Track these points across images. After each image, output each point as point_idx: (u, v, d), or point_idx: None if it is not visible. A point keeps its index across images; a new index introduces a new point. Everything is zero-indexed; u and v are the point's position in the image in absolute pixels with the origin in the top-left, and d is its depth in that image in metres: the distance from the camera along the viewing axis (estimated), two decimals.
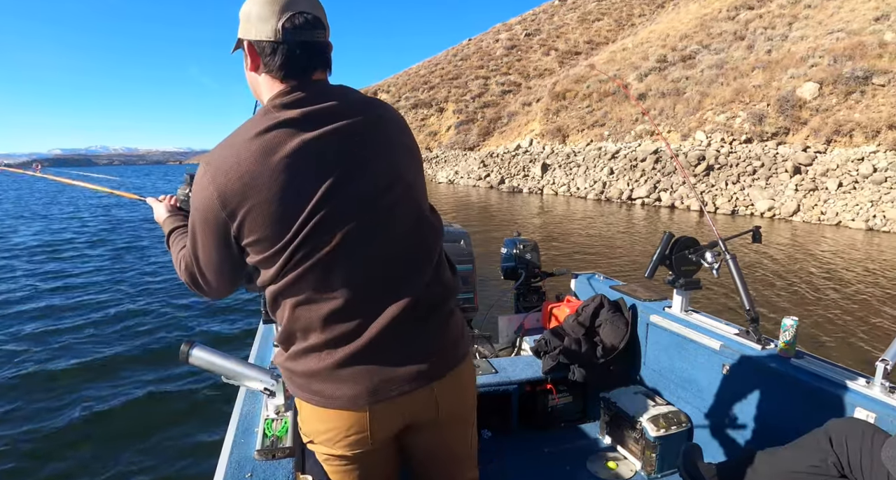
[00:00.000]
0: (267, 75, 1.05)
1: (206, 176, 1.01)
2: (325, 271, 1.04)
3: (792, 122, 15.94)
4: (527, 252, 3.19)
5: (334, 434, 1.10)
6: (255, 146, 0.99)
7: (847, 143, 14.39)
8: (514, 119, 34.20)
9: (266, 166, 0.98)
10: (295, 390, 1.12)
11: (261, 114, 1.03)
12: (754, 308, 2.11)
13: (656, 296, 2.67)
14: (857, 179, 12.90)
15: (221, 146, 1.04)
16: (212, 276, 1.11)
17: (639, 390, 2.39)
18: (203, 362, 1.27)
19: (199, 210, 1.04)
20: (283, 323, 1.09)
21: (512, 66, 47.39)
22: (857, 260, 8.69)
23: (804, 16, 24.61)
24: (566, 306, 2.90)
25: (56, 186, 34.14)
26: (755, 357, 2.00)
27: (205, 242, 1.07)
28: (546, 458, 2.32)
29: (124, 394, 4.05)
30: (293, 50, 1.02)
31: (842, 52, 17.30)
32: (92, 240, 12.41)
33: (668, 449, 2.11)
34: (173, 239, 1.28)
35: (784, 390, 1.89)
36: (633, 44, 32.66)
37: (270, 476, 1.17)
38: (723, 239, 2.27)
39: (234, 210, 1.00)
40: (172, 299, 6.80)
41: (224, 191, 0.99)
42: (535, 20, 59.90)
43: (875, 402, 1.61)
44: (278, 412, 1.34)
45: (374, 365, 1.08)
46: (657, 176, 17.25)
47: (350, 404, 1.07)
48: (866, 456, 1.41)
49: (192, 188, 1.05)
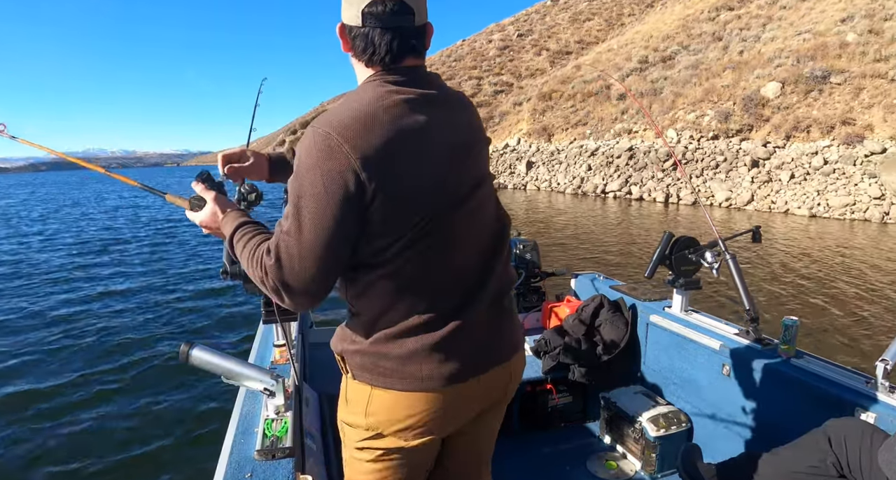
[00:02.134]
0: (355, 58, 1.05)
1: (334, 136, 0.93)
2: (438, 251, 1.04)
3: (755, 120, 16.99)
4: (527, 252, 3.18)
5: (415, 421, 1.09)
6: (386, 115, 0.96)
7: (805, 139, 15.44)
8: (506, 118, 35.10)
9: (401, 136, 0.97)
10: (376, 377, 1.08)
11: (373, 89, 1.00)
12: (754, 308, 2.10)
13: (656, 296, 2.67)
14: (809, 171, 13.98)
15: (341, 111, 0.97)
16: (315, 269, 0.96)
17: (639, 390, 2.40)
18: (203, 362, 1.23)
19: (322, 176, 0.92)
20: (377, 305, 1.05)
21: (504, 67, 48.09)
22: (800, 245, 9.76)
23: (778, 17, 25.61)
24: (566, 306, 2.91)
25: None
26: (755, 357, 1.99)
27: (322, 218, 0.93)
28: (546, 458, 2.33)
29: (124, 394, 4.09)
30: (373, 36, 1.00)
31: (805, 52, 18.37)
32: (91, 239, 12.65)
33: (668, 449, 2.12)
34: (241, 236, 1.09)
35: (784, 390, 1.88)
36: (617, 45, 33.73)
37: (270, 476, 1.15)
38: (723, 238, 2.27)
39: (373, 175, 0.93)
40: (172, 299, 6.80)
41: (365, 151, 0.93)
42: (528, 20, 60.63)
43: (875, 402, 1.60)
44: (278, 412, 1.33)
45: (468, 342, 1.10)
46: (629, 171, 18.37)
47: (447, 382, 1.08)
48: (865, 456, 1.40)
49: (305, 152, 0.95)
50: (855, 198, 12.54)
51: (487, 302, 1.13)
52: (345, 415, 1.16)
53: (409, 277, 1.03)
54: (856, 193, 12.65)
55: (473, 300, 1.10)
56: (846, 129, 14.62)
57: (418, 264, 1.03)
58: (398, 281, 1.03)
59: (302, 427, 1.38)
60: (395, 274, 1.03)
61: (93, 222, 17.19)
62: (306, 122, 73.33)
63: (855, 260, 8.28)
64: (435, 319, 1.06)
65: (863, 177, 12.91)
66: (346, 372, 1.15)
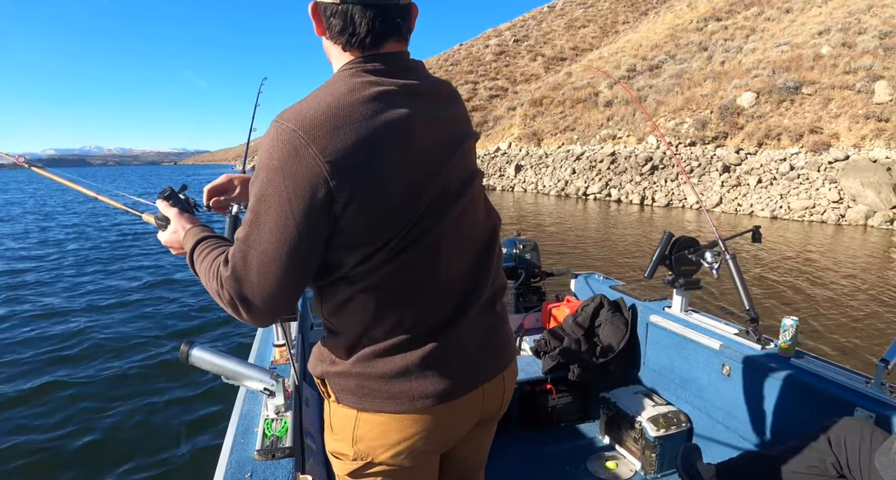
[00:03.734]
0: (330, 41, 0.93)
1: (300, 135, 0.81)
2: (425, 260, 0.94)
3: (730, 128, 17.82)
4: (526, 252, 3.16)
5: (410, 444, 0.99)
6: (362, 110, 0.85)
7: (775, 146, 16.27)
8: (499, 123, 35.83)
9: (379, 135, 0.85)
10: (362, 399, 0.98)
11: (347, 79, 0.88)
12: (754, 308, 2.10)
13: (656, 296, 2.66)
14: (776, 176, 14.82)
15: (310, 104, 0.84)
16: (275, 283, 0.85)
17: (638, 390, 2.39)
18: (203, 362, 1.22)
19: (285, 180, 0.81)
20: (358, 322, 0.95)
21: (500, 72, 48.70)
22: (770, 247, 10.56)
23: (761, 28, 26.52)
24: (566, 306, 2.89)
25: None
26: (755, 357, 1.99)
27: (283, 228, 0.82)
28: (546, 458, 2.33)
29: (124, 395, 4.07)
30: (353, 13, 0.87)
31: (781, 64, 19.23)
32: (90, 239, 12.58)
33: (668, 449, 2.12)
34: (200, 250, 0.99)
35: (784, 390, 1.87)
36: (608, 53, 34.61)
37: (270, 476, 1.14)
38: (723, 239, 2.27)
39: (345, 182, 0.82)
40: (172, 299, 6.78)
41: (335, 155, 0.81)
42: (525, 26, 61.39)
43: (875, 402, 1.60)
44: (278, 412, 1.31)
45: (461, 355, 1.01)
46: (609, 175, 19.22)
47: (439, 400, 0.99)
48: (865, 457, 1.40)
49: (267, 151, 0.83)
50: (815, 202, 13.35)
51: (479, 311, 1.05)
52: (331, 444, 1.06)
53: (393, 290, 0.94)
54: (816, 197, 13.47)
55: (465, 309, 1.01)
56: (814, 138, 15.45)
57: (403, 275, 0.93)
58: (381, 295, 0.93)
59: (302, 427, 1.36)
60: (377, 287, 0.93)
61: (91, 219, 17.47)
62: None
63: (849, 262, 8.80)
64: (424, 333, 0.97)
65: (824, 182, 13.74)
66: (327, 396, 1.04)
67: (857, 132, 14.86)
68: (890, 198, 12.23)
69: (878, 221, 12.05)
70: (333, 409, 1.04)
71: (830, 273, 7.97)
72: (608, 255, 9.62)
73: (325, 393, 1.05)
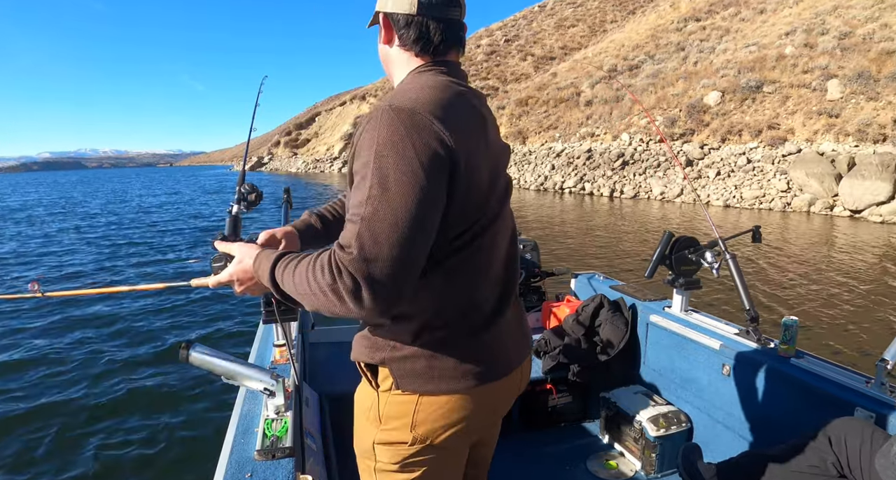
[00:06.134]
0: (401, 49, 1.03)
1: (421, 112, 0.87)
2: (489, 247, 1.02)
3: (697, 125, 19.02)
4: (526, 251, 3.16)
5: (468, 423, 1.04)
6: (459, 102, 0.95)
7: (737, 141, 17.47)
8: None
9: (472, 125, 0.96)
10: (428, 381, 1.00)
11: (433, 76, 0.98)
12: (754, 307, 2.10)
13: (656, 296, 2.66)
14: (734, 169, 16.05)
15: (415, 91, 0.92)
16: (406, 255, 0.83)
17: (639, 390, 2.39)
18: (202, 362, 1.20)
19: (414, 147, 0.84)
20: (432, 305, 0.98)
21: (491, 71, 49.45)
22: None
23: (735, 29, 27.66)
24: (566, 306, 2.90)
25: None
26: (755, 357, 1.99)
27: (415, 194, 0.83)
28: (546, 458, 2.33)
29: (124, 395, 4.07)
30: (428, 24, 1.00)
31: (747, 64, 20.41)
32: (90, 237, 12.95)
33: (668, 449, 2.13)
34: (286, 263, 0.93)
35: (784, 390, 1.88)
36: (592, 53, 35.78)
37: (270, 476, 1.13)
38: (723, 238, 2.27)
39: (461, 156, 0.89)
40: (171, 300, 6.71)
41: (454, 130, 0.88)
42: (515, 26, 62.07)
43: (875, 402, 1.60)
44: (278, 412, 1.31)
45: (508, 336, 1.10)
46: (585, 170, 20.48)
47: (497, 376, 1.06)
48: (865, 457, 1.40)
49: (386, 129, 0.85)
50: (765, 191, 14.59)
51: (514, 296, 1.13)
52: (380, 435, 1.04)
53: (466, 273, 0.99)
54: (767, 187, 14.71)
55: (507, 295, 1.09)
56: (771, 133, 16.66)
57: (475, 259, 1.00)
58: (456, 278, 0.98)
59: (302, 427, 1.36)
60: (455, 269, 0.98)
61: (96, 218, 18.01)
62: (300, 124, 75.00)
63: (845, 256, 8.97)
64: (482, 315, 1.03)
65: (775, 173, 14.97)
66: (376, 385, 1.04)
67: (811, 127, 16.07)
68: (832, 186, 13.45)
69: (819, 208, 13.29)
70: (387, 398, 1.03)
71: (784, 258, 9.14)
72: (582, 243, 10.75)
73: (374, 383, 1.04)
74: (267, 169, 67.04)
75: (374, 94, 63.90)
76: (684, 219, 13.42)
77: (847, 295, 6.45)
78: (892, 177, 12.28)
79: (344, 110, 66.75)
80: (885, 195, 12.19)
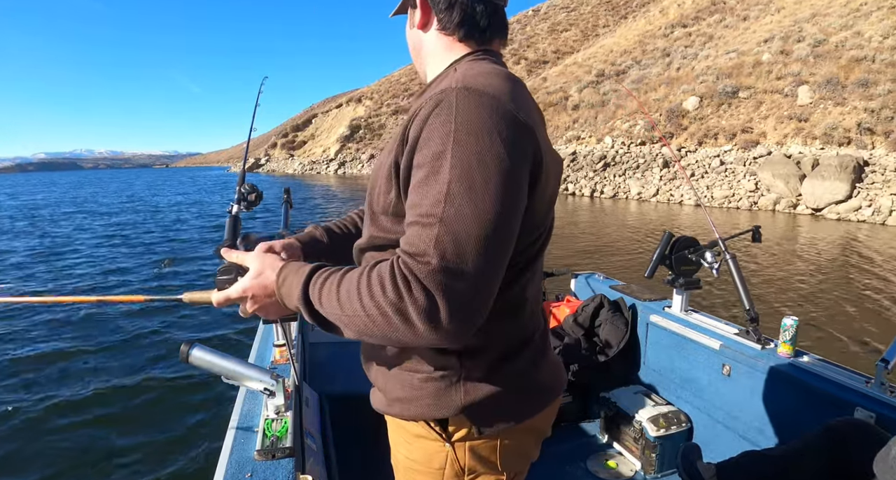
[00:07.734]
0: (440, 33, 0.90)
1: (505, 101, 0.74)
2: (541, 256, 0.91)
3: (676, 128, 19.90)
4: None
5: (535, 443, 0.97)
6: (523, 92, 0.81)
7: (713, 144, 18.34)
8: None
9: (539, 115, 0.85)
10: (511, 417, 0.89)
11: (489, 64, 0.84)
12: (754, 307, 2.10)
13: (656, 296, 2.66)
14: (707, 170, 16.92)
15: (486, 76, 0.78)
16: (495, 263, 0.70)
17: (639, 390, 2.39)
18: (203, 362, 1.19)
19: (503, 140, 0.71)
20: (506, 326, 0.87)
21: None
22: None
23: (719, 36, 28.55)
24: (566, 306, 2.90)
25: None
26: (755, 357, 1.99)
27: (505, 191, 0.70)
28: (546, 457, 2.24)
29: (124, 395, 4.07)
30: (474, 6, 0.88)
31: (725, 70, 21.28)
32: (90, 238, 12.85)
33: (668, 449, 2.14)
34: (325, 277, 0.77)
35: (784, 390, 1.88)
36: (582, 58, 36.67)
37: (270, 476, 1.13)
38: (723, 238, 2.27)
39: (542, 155, 0.77)
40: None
41: (533, 125, 0.77)
42: (510, 30, 62.98)
43: (875, 402, 1.60)
44: (278, 412, 1.31)
45: (548, 353, 1.00)
46: (568, 171, 21.31)
47: (556, 393, 0.97)
48: (865, 457, 1.40)
49: (467, 114, 0.71)
50: (734, 191, 15.47)
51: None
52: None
53: (526, 285, 0.87)
54: (736, 187, 15.60)
55: (540, 306, 1.00)
56: (745, 136, 17.52)
57: (533, 269, 0.88)
58: (520, 291, 0.86)
59: (302, 427, 1.35)
60: (526, 284, 0.87)
61: (92, 217, 17.96)
62: (297, 126, 75.61)
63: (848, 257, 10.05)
64: (539, 330, 0.94)
65: (745, 175, 15.84)
66: (447, 437, 0.88)
67: (781, 131, 16.95)
68: (796, 186, 14.32)
69: (783, 206, 14.16)
70: (467, 447, 0.87)
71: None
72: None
73: (444, 435, 0.87)
74: (264, 170, 67.69)
75: (369, 97, 64.64)
76: (660, 216, 14.32)
77: (847, 295, 6.62)
78: (850, 177, 13.16)
79: (340, 112, 67.45)
80: (843, 194, 13.07)
